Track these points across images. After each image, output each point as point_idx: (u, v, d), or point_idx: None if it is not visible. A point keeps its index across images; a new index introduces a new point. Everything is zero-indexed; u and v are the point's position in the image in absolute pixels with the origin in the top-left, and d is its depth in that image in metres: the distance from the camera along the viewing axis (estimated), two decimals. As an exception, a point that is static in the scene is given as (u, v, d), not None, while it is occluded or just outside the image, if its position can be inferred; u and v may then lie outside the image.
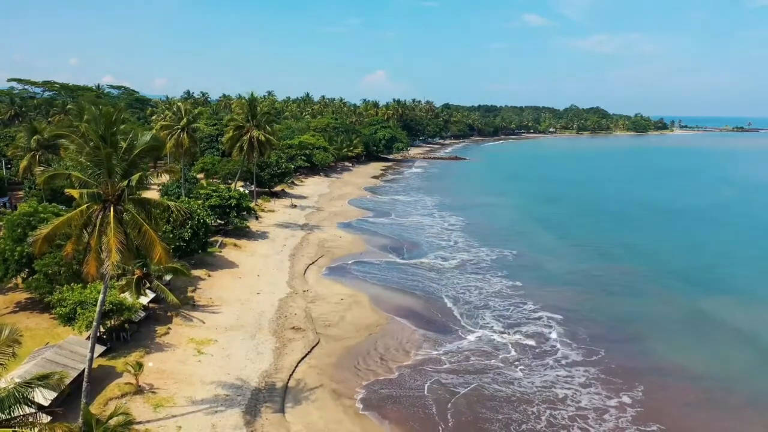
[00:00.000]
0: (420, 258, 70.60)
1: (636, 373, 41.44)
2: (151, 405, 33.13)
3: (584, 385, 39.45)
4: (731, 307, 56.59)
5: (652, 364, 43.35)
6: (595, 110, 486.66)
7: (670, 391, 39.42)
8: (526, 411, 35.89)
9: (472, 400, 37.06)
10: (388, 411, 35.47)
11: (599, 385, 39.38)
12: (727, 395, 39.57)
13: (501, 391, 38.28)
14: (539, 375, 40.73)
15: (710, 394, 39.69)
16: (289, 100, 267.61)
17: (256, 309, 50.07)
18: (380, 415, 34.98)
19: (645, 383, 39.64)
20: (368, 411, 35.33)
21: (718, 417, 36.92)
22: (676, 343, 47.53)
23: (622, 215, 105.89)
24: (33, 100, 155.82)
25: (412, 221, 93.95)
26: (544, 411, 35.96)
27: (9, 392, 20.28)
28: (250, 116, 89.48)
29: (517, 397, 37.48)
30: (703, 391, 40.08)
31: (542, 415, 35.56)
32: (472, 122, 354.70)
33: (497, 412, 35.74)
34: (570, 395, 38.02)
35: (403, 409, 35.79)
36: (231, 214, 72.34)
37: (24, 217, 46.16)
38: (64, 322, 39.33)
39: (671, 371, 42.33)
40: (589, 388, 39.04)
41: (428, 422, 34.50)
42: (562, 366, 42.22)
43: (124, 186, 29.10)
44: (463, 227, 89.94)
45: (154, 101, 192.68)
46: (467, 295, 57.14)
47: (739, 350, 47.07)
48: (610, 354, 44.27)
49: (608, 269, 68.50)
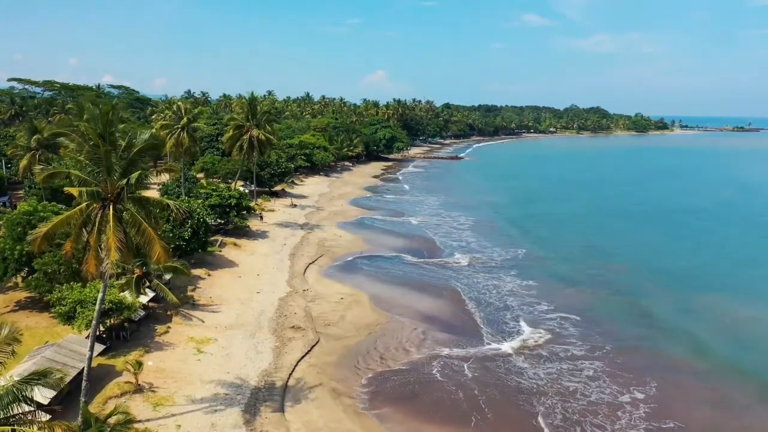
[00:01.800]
0: (420, 258, 70.59)
1: (647, 370, 41.59)
2: (150, 404, 33.11)
3: (593, 378, 39.84)
4: (740, 304, 56.60)
5: (663, 362, 43.41)
6: (596, 110, 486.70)
7: (682, 388, 39.62)
8: (541, 404, 36.05)
9: (475, 400, 37.05)
10: (388, 410, 35.42)
11: (609, 380, 39.67)
12: (738, 394, 39.59)
13: (512, 385, 38.61)
14: (550, 374, 40.70)
15: (722, 393, 39.64)
16: (290, 99, 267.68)
17: (256, 308, 50.04)
18: (380, 414, 34.93)
19: (657, 380, 39.84)
20: (368, 409, 35.30)
21: (730, 416, 36.90)
22: (687, 341, 47.52)
23: (628, 214, 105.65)
24: (33, 100, 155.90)
25: (411, 221, 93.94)
26: (556, 404, 36.24)
27: (8, 390, 20.23)
28: (250, 116, 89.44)
29: (529, 390, 37.65)
30: (714, 389, 40.08)
31: (555, 408, 35.86)
32: (472, 122, 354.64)
33: (511, 408, 35.93)
34: (581, 389, 38.39)
35: (403, 407, 35.76)
36: (231, 213, 72.32)
37: (24, 216, 46.16)
38: (64, 321, 39.30)
39: (682, 368, 42.56)
40: (598, 381, 39.49)
41: (429, 420, 34.51)
42: (569, 359, 42.50)
43: (123, 184, 29.06)
44: (464, 227, 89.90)
45: (155, 101, 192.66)
46: (468, 294, 57.12)
47: (750, 348, 47.08)
48: (620, 350, 44.56)
49: (616, 268, 68.42)
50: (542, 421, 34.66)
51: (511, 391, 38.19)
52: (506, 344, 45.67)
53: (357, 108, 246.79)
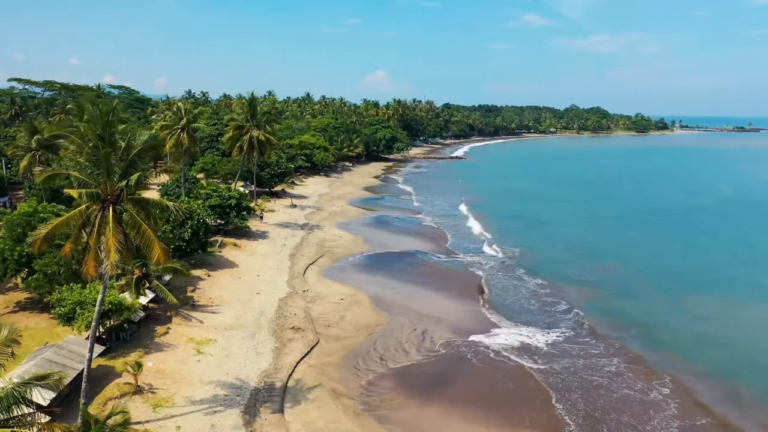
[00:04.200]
0: (421, 257, 70.58)
1: (662, 368, 41.67)
2: (150, 405, 33.12)
3: (616, 374, 40.20)
4: (748, 304, 56.61)
5: (677, 361, 43.42)
6: (596, 110, 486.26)
7: (698, 386, 39.72)
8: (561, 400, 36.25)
9: (479, 400, 37.11)
10: (388, 410, 35.39)
11: (630, 376, 39.97)
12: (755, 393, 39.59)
13: (522, 381, 39.11)
14: (567, 369, 41.06)
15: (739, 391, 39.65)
16: (290, 99, 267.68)
17: (256, 309, 50.05)
18: (380, 414, 34.90)
19: (673, 379, 39.91)
20: (368, 410, 35.28)
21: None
22: (697, 341, 47.64)
23: (633, 215, 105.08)
24: (33, 100, 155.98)
25: (412, 221, 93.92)
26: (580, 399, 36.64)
27: (7, 392, 20.23)
28: (250, 116, 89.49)
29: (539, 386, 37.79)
30: (733, 387, 40.07)
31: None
32: (472, 122, 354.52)
33: (517, 406, 36.12)
34: (605, 384, 38.84)
35: (404, 407, 35.74)
36: (231, 213, 72.33)
37: (24, 217, 46.18)
38: (64, 322, 39.31)
39: (694, 369, 42.42)
40: (620, 377, 39.87)
41: (431, 421, 34.48)
42: (585, 357, 42.88)
43: (122, 186, 29.07)
44: (465, 228, 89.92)
45: (155, 101, 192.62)
46: (470, 293, 57.14)
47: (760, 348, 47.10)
48: (632, 348, 44.92)
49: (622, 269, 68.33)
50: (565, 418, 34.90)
51: (520, 388, 38.55)
52: (514, 339, 46.07)
53: (357, 108, 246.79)
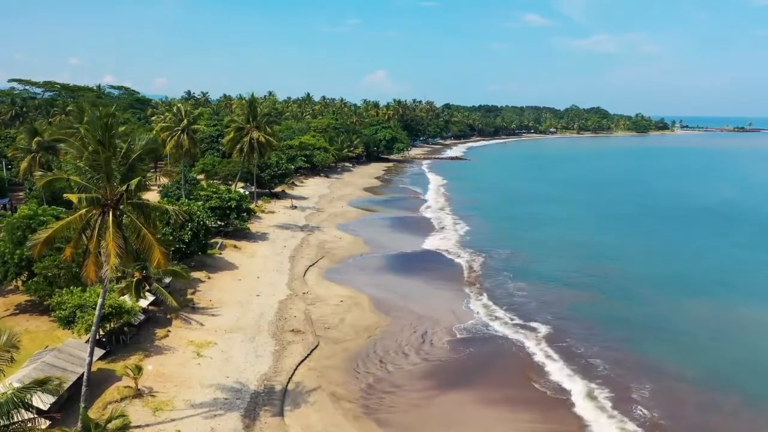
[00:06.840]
0: (422, 259, 70.56)
1: (642, 375, 41.28)
2: (150, 408, 33.12)
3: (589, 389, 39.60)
4: (742, 308, 56.44)
5: (657, 367, 43.06)
6: (596, 110, 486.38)
7: (677, 393, 39.47)
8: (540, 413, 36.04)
9: (480, 402, 37.11)
10: (387, 414, 35.40)
11: (606, 389, 39.43)
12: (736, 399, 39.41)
13: (507, 394, 38.56)
14: (548, 379, 40.79)
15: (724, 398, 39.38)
16: (290, 100, 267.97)
17: (256, 311, 50.06)
18: (380, 418, 34.90)
19: (652, 386, 39.49)
20: (368, 413, 35.28)
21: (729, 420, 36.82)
22: (683, 346, 47.31)
23: (631, 216, 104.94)
24: (33, 101, 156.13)
25: (412, 221, 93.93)
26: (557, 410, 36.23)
27: (8, 397, 20.25)
28: (250, 117, 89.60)
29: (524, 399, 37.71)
30: (712, 395, 39.83)
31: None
32: (472, 122, 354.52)
33: (505, 415, 35.84)
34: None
35: (404, 408, 35.76)
36: (231, 215, 72.35)
37: (24, 220, 46.17)
38: (64, 325, 39.31)
39: (677, 375, 42.16)
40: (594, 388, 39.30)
41: (431, 424, 34.51)
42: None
43: (122, 190, 29.11)
44: (466, 227, 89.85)
45: (155, 101, 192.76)
46: (471, 294, 57.14)
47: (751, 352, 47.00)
48: (610, 356, 44.24)
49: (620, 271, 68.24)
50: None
51: (522, 389, 38.55)
52: (514, 339, 46.19)
53: (357, 108, 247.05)
